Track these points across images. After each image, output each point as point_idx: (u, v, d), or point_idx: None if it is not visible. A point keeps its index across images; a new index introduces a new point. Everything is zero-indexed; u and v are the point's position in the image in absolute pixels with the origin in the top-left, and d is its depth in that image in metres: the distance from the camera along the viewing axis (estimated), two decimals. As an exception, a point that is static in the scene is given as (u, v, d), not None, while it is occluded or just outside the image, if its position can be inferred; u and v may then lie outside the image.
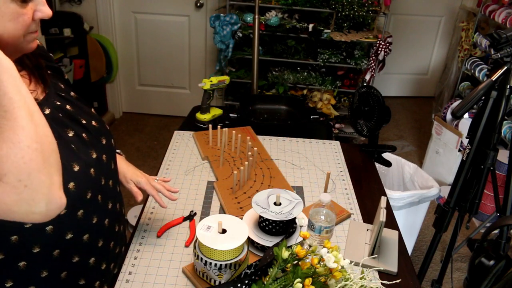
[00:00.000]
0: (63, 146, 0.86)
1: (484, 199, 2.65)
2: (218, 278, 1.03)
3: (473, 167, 1.67)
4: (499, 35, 1.51)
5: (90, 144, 0.94)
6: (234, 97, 3.46)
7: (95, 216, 0.96)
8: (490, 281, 1.43)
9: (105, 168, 0.99)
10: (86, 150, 0.92)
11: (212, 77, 1.85)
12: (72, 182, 0.86)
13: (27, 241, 0.85)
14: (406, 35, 4.18)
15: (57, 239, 0.88)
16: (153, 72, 3.80)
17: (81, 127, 0.95)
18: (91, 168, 0.92)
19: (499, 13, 3.03)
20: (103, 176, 0.98)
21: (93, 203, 0.94)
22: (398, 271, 1.16)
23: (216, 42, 3.13)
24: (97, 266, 1.00)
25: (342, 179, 1.56)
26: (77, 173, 0.87)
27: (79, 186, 0.88)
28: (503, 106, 1.55)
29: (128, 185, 1.19)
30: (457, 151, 2.98)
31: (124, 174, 1.19)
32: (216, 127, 1.72)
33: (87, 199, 0.92)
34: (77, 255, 0.93)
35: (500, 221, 1.41)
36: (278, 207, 1.17)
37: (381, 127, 1.66)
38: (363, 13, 3.06)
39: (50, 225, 0.85)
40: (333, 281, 0.94)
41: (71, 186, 0.86)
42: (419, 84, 4.53)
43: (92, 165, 0.92)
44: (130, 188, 1.19)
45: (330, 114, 3.37)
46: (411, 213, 2.19)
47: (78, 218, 0.91)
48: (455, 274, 2.42)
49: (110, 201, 1.02)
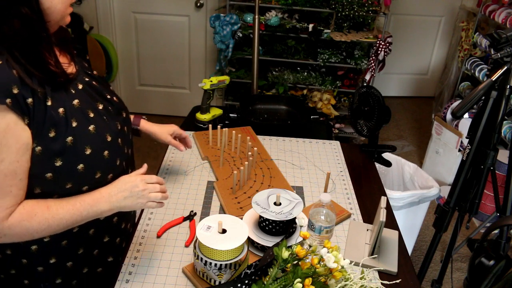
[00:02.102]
0: (98, 118, 1.01)
1: (484, 199, 2.65)
2: (218, 278, 1.03)
3: (473, 167, 1.67)
4: (499, 35, 1.51)
5: (115, 116, 1.08)
6: (234, 97, 3.46)
7: None
8: (490, 281, 1.43)
9: (127, 138, 1.13)
10: (113, 122, 1.06)
11: (212, 77, 1.85)
12: (106, 151, 1.01)
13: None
14: (406, 35, 4.18)
15: None
16: (153, 72, 3.80)
17: (107, 101, 1.07)
18: (119, 138, 1.06)
19: (499, 13, 3.04)
20: (126, 145, 1.11)
21: (120, 169, 1.08)
22: (398, 271, 1.17)
23: (216, 42, 3.13)
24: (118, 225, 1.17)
25: (342, 179, 1.56)
26: (110, 143, 1.02)
27: (111, 154, 1.03)
28: (503, 106, 1.55)
29: (167, 140, 1.38)
30: (457, 151, 2.98)
31: (160, 132, 1.38)
32: (216, 127, 1.72)
33: (117, 166, 1.06)
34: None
35: (500, 221, 1.41)
36: (278, 207, 1.17)
37: (381, 127, 1.66)
38: (363, 13, 3.06)
39: (86, 185, 0.99)
40: (333, 281, 0.94)
41: (106, 154, 1.01)
42: (419, 84, 4.53)
43: (119, 135, 1.06)
44: (169, 142, 1.39)
45: (330, 114, 3.37)
46: (411, 213, 2.19)
47: (108, 181, 1.03)
48: (455, 274, 2.42)
49: (130, 168, 1.15)
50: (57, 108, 0.92)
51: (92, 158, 0.97)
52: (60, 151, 0.92)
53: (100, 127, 1.00)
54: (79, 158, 0.95)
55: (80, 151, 0.95)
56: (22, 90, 0.85)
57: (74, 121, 0.94)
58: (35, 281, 1.07)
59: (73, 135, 0.94)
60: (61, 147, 0.92)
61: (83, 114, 0.97)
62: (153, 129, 1.37)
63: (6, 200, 0.88)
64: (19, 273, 1.06)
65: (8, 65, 0.84)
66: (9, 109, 0.83)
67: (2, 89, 0.82)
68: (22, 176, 0.89)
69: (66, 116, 0.93)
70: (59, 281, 1.08)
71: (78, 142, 0.94)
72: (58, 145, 0.92)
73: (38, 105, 0.88)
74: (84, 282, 1.13)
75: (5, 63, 0.84)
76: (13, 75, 0.84)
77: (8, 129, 0.84)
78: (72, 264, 1.08)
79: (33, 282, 1.07)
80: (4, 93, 0.82)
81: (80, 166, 0.96)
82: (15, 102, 0.84)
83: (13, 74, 0.84)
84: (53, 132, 0.91)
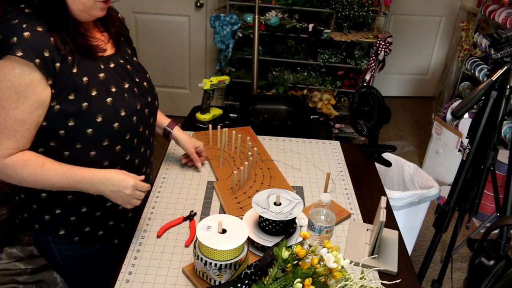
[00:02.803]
0: (119, 93, 1.13)
1: (484, 199, 2.65)
2: (218, 278, 1.03)
3: (473, 167, 1.67)
4: (499, 35, 1.51)
5: (138, 98, 1.19)
6: (234, 97, 3.46)
7: (128, 154, 1.20)
8: (490, 281, 1.43)
9: (145, 120, 1.23)
10: (134, 101, 1.17)
11: (212, 77, 1.86)
12: (116, 123, 1.12)
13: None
14: (406, 35, 4.18)
15: (98, 164, 1.13)
16: (153, 72, 3.77)
17: (134, 83, 1.20)
18: (134, 116, 1.17)
19: (499, 13, 3.03)
20: (142, 125, 1.22)
21: (129, 144, 1.19)
22: (398, 271, 1.17)
23: (216, 42, 3.13)
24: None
25: (342, 179, 1.56)
26: (122, 118, 1.13)
27: (121, 127, 1.13)
28: (503, 106, 1.55)
29: (190, 151, 1.51)
30: (457, 151, 2.98)
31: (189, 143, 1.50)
32: (216, 127, 1.72)
33: (125, 139, 1.17)
34: None
35: (500, 221, 1.41)
36: (278, 207, 1.17)
37: (381, 127, 1.66)
38: (363, 13, 3.06)
39: (94, 150, 1.11)
40: (333, 281, 0.94)
41: (116, 126, 1.12)
42: (419, 84, 4.53)
43: (135, 113, 1.17)
44: (193, 156, 1.51)
45: (330, 114, 3.37)
46: (411, 213, 2.19)
47: (115, 151, 1.15)
48: (455, 274, 2.42)
49: (143, 146, 1.26)
50: (81, 76, 1.06)
51: (101, 126, 1.09)
52: (74, 113, 1.06)
53: (117, 101, 1.12)
54: (90, 123, 1.08)
55: (92, 117, 1.08)
56: (53, 54, 1.00)
57: (94, 91, 1.08)
58: (44, 229, 1.21)
59: (89, 101, 1.07)
60: (76, 109, 1.06)
61: (105, 87, 1.11)
62: (183, 137, 1.51)
63: (9, 142, 1.01)
64: (31, 217, 1.21)
65: (48, 33, 1.00)
66: (36, 67, 0.98)
67: (35, 50, 0.98)
68: (29, 127, 1.02)
69: (88, 84, 1.07)
70: (63, 233, 1.21)
71: (92, 108, 1.07)
72: (74, 107, 1.05)
73: (65, 70, 1.03)
74: (84, 240, 1.24)
75: (45, 31, 1.00)
76: (49, 41, 1.00)
77: (31, 84, 0.99)
78: (75, 219, 1.20)
79: (42, 229, 1.21)
80: (35, 53, 0.98)
81: (89, 130, 1.08)
82: (43, 63, 0.99)
83: (50, 40, 1.00)
84: (72, 95, 1.05)
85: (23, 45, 0.97)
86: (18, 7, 1.02)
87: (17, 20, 0.99)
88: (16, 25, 0.98)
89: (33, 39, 0.98)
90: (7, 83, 0.98)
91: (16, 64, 0.97)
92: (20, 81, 0.98)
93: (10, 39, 0.97)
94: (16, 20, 0.99)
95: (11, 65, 0.97)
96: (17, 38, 0.97)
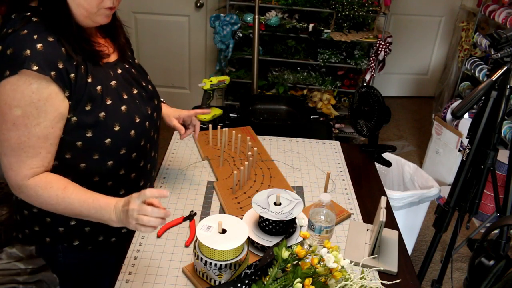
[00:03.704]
0: (131, 100, 1.12)
1: (484, 199, 2.65)
2: (218, 278, 1.03)
3: (473, 167, 1.67)
4: (499, 35, 1.51)
5: (147, 102, 1.18)
6: (234, 97, 3.46)
7: (143, 160, 1.20)
8: (490, 281, 1.43)
9: (155, 124, 1.22)
10: (145, 106, 1.16)
11: (212, 77, 1.85)
12: (133, 130, 1.11)
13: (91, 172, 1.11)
14: (406, 35, 4.18)
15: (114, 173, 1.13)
16: (153, 72, 3.77)
17: (142, 88, 1.18)
18: (146, 122, 1.16)
19: (499, 13, 3.03)
20: (153, 129, 1.21)
21: (143, 150, 1.18)
22: (398, 271, 1.17)
23: (216, 42, 3.13)
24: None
25: (342, 179, 1.56)
26: (137, 124, 1.12)
27: (137, 134, 1.12)
28: (503, 106, 1.55)
29: (172, 123, 1.38)
30: (457, 151, 2.98)
31: (168, 114, 1.39)
32: (216, 127, 1.72)
33: (141, 146, 1.16)
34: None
35: (500, 221, 1.41)
36: (278, 207, 1.17)
37: (381, 127, 1.66)
38: (363, 13, 3.06)
39: (111, 160, 1.10)
40: (333, 281, 0.94)
41: (132, 134, 1.11)
42: (419, 84, 4.53)
43: (147, 119, 1.16)
44: (173, 125, 1.38)
45: (330, 114, 3.37)
46: (411, 213, 2.19)
47: (131, 159, 1.15)
48: (455, 274, 2.42)
49: (153, 150, 1.26)
50: (95, 86, 1.04)
51: (119, 134, 1.08)
52: (92, 124, 1.04)
53: (131, 109, 1.11)
54: (108, 132, 1.07)
55: (110, 127, 1.06)
56: (66, 65, 0.97)
57: (108, 99, 1.06)
58: (55, 240, 1.18)
59: (106, 111, 1.05)
60: (94, 120, 1.04)
61: (118, 94, 1.09)
62: (165, 111, 1.38)
63: (34, 160, 0.98)
64: (42, 230, 1.17)
65: (59, 42, 0.97)
66: (52, 80, 0.95)
67: (49, 63, 0.94)
68: (52, 142, 1.00)
69: (102, 93, 1.05)
70: (76, 243, 1.19)
71: (109, 118, 1.06)
72: (91, 118, 1.03)
73: (80, 80, 1.00)
74: (97, 249, 1.23)
75: (56, 41, 0.97)
76: (61, 51, 0.97)
77: (50, 98, 0.96)
78: (89, 230, 1.18)
79: (54, 241, 1.19)
80: (50, 66, 0.94)
81: (108, 140, 1.07)
82: (58, 75, 0.96)
83: (62, 51, 0.97)
84: (89, 106, 1.03)
85: (38, 58, 0.93)
86: (24, 15, 0.98)
87: (26, 31, 0.95)
88: (26, 36, 0.94)
89: (46, 51, 0.94)
90: (26, 99, 0.94)
91: (32, 79, 0.93)
92: (39, 96, 0.95)
93: (23, 52, 0.92)
94: (25, 30, 0.95)
95: (28, 81, 0.93)
96: (30, 51, 0.92)
